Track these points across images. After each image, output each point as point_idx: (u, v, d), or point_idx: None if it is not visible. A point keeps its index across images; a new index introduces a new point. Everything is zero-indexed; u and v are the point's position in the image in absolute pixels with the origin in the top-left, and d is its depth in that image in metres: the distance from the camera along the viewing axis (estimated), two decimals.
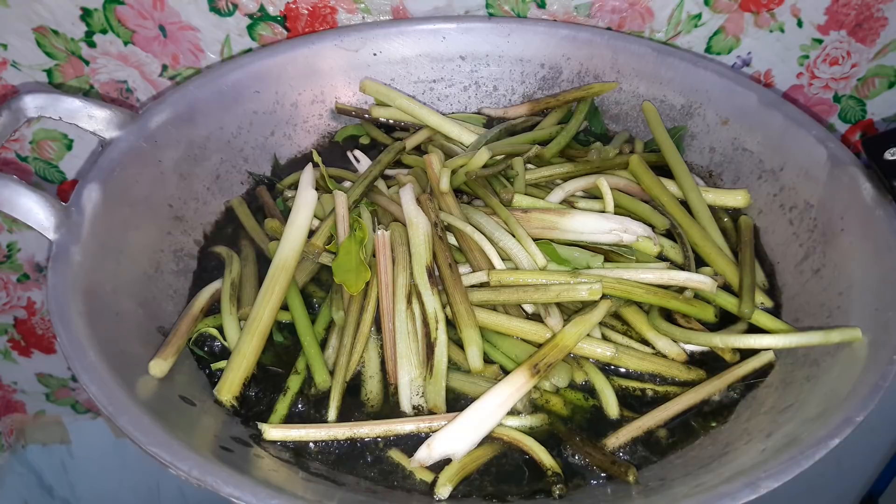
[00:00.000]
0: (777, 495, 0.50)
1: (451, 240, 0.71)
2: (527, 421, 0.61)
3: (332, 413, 0.62)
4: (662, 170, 0.80)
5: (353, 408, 0.63)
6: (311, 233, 0.72)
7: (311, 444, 0.61)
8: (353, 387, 0.65)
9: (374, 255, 0.69)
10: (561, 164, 0.80)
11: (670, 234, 0.74)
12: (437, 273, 0.67)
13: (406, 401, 0.62)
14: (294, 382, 0.64)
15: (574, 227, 0.70)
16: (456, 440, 0.58)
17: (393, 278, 0.67)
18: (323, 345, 0.67)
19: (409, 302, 0.65)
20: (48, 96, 0.70)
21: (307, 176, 0.76)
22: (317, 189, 0.75)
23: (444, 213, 0.72)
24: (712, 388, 0.64)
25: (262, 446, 0.60)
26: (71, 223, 0.64)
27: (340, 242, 0.70)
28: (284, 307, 0.68)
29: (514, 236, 0.69)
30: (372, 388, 0.64)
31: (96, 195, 0.67)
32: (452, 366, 0.65)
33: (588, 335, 0.64)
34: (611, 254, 0.71)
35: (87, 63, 0.94)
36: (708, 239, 0.73)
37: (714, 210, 0.77)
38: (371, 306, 0.67)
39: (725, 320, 0.68)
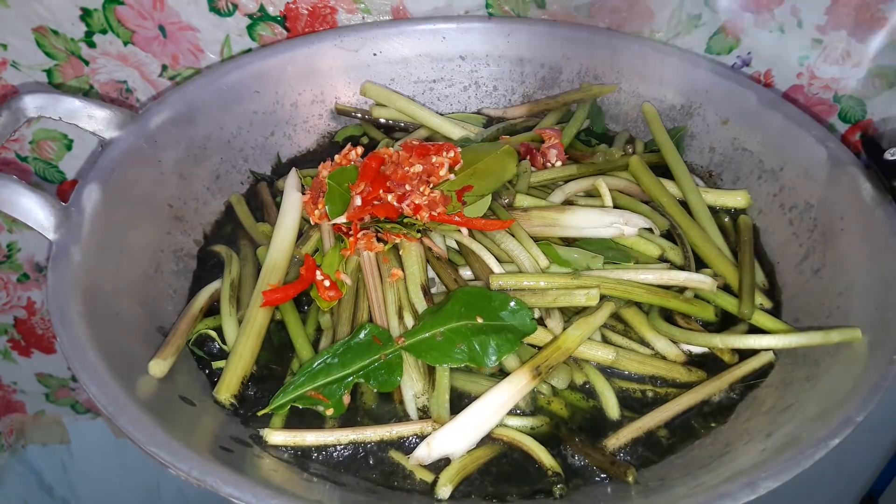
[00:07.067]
0: (777, 495, 0.50)
1: (451, 243, 0.71)
2: (527, 421, 0.61)
3: None
4: (662, 170, 0.80)
5: (352, 408, 0.63)
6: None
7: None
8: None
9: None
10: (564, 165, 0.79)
11: (670, 236, 0.74)
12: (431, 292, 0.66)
13: (413, 413, 0.62)
14: None
15: (574, 222, 0.70)
16: (456, 440, 0.58)
17: (383, 295, 0.66)
18: (316, 345, 0.67)
19: (401, 317, 0.64)
20: (48, 96, 0.70)
21: (292, 179, 0.75)
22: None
23: None
24: (712, 388, 0.64)
25: (261, 446, 0.60)
26: (71, 223, 0.64)
27: (326, 252, 0.69)
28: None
29: (514, 237, 0.69)
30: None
31: (96, 195, 0.67)
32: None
33: (589, 338, 0.64)
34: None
35: (86, 63, 0.94)
36: (708, 240, 0.73)
37: (714, 210, 0.77)
38: (363, 316, 0.66)
39: (725, 321, 0.68)
